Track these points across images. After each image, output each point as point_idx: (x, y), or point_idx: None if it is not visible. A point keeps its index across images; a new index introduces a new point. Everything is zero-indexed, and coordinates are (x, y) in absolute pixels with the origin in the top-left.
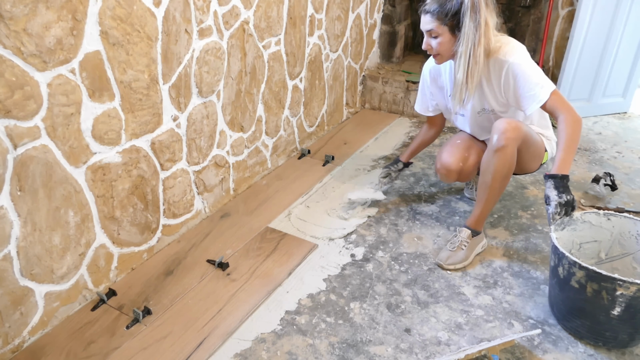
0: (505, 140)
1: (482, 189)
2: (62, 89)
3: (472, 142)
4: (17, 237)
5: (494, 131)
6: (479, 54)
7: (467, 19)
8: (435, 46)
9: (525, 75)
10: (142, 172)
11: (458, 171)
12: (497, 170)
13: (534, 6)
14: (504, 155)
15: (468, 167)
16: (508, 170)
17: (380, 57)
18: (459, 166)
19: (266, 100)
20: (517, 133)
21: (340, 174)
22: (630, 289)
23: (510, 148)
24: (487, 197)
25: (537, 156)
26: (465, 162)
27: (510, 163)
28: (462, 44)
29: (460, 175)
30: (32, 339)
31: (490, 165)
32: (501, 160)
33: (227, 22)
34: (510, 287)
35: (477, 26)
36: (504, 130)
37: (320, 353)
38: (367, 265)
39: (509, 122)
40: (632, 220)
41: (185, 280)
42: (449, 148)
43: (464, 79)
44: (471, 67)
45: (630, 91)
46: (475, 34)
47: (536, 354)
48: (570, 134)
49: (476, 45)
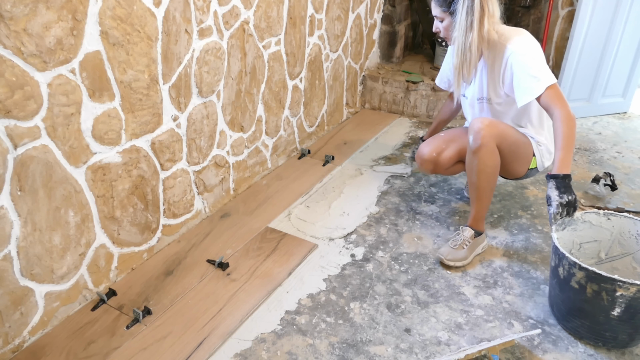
0: (481, 139)
1: (472, 190)
2: (62, 89)
3: (458, 136)
4: (17, 237)
5: (469, 131)
6: (471, 39)
7: (460, 5)
8: (442, 30)
9: (524, 66)
10: (142, 172)
11: (432, 161)
12: (480, 170)
13: (534, 6)
14: (483, 155)
15: (443, 158)
16: (491, 169)
17: (380, 57)
18: (432, 156)
19: (266, 100)
20: (492, 130)
21: (340, 174)
22: (630, 289)
23: (488, 146)
24: (477, 197)
25: (522, 158)
26: (440, 154)
27: (493, 161)
28: (456, 29)
29: (435, 166)
30: (32, 339)
31: (473, 166)
32: (482, 160)
33: (227, 22)
34: (510, 287)
35: (469, 12)
36: (478, 130)
37: (320, 353)
38: (367, 265)
39: (483, 121)
40: (632, 220)
41: (185, 280)
42: (430, 140)
43: (459, 64)
44: (464, 52)
45: (630, 91)
46: (467, 20)
47: (536, 354)
48: (566, 132)
49: (467, 30)
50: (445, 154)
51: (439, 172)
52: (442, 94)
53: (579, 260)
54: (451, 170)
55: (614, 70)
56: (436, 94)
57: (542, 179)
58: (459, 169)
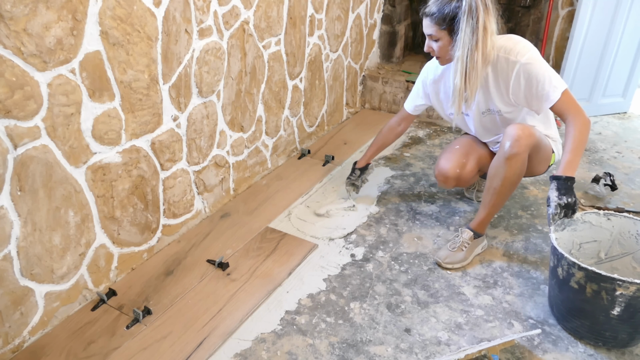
0: (518, 148)
1: (490, 193)
2: (62, 89)
3: (472, 146)
4: (17, 237)
5: (506, 137)
6: (476, 59)
7: (464, 24)
8: (436, 49)
9: (537, 76)
10: (142, 172)
11: (456, 177)
12: (506, 177)
13: (534, 6)
14: (515, 163)
15: (466, 173)
16: (518, 177)
17: (380, 57)
18: (456, 172)
19: (266, 100)
20: (530, 140)
21: (340, 174)
22: (629, 289)
23: (523, 155)
24: (494, 202)
25: (545, 160)
26: (463, 169)
27: (521, 170)
28: (458, 49)
29: (458, 181)
30: (32, 339)
31: (500, 171)
32: (512, 168)
33: (227, 22)
34: (510, 287)
35: (474, 31)
36: (517, 138)
37: (320, 353)
38: (367, 265)
39: (522, 129)
40: (631, 220)
41: (185, 280)
42: (447, 154)
43: (462, 84)
44: (468, 72)
45: (630, 91)
46: (471, 39)
47: (536, 354)
48: (578, 137)
49: (473, 50)
50: (468, 168)
51: (460, 186)
52: None
53: (577, 260)
54: (472, 182)
55: (614, 70)
56: None
57: (542, 179)
58: (476, 178)
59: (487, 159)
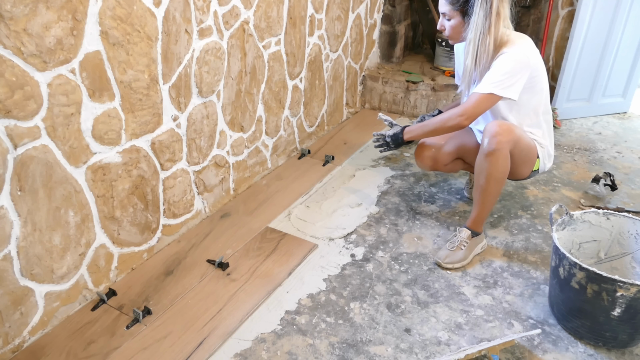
0: (496, 144)
1: (478, 192)
2: (62, 89)
3: (457, 133)
4: (17, 237)
5: (485, 134)
6: (488, 42)
7: (478, 7)
8: (448, 28)
9: (497, 66)
10: (142, 172)
11: (431, 157)
12: (490, 174)
13: (534, 6)
14: (496, 160)
15: (443, 155)
16: (502, 174)
17: (380, 57)
18: (431, 152)
19: (266, 100)
20: (509, 136)
21: (340, 174)
22: (630, 290)
23: (503, 152)
24: (482, 200)
25: (528, 161)
26: (440, 150)
27: (504, 166)
28: (471, 31)
29: (435, 162)
30: (32, 339)
31: (483, 169)
32: (494, 165)
33: (227, 22)
34: (510, 287)
35: (487, 15)
36: (494, 134)
37: (320, 353)
38: (367, 265)
39: (500, 125)
40: (631, 219)
41: (185, 280)
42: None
43: (472, 66)
44: (479, 55)
45: (630, 91)
46: (484, 23)
47: (536, 354)
48: (438, 121)
49: (485, 33)
50: (444, 150)
51: (438, 169)
52: (442, 94)
53: (579, 261)
54: (450, 167)
55: (614, 70)
56: (436, 94)
57: (543, 179)
58: (458, 167)
59: (471, 148)
